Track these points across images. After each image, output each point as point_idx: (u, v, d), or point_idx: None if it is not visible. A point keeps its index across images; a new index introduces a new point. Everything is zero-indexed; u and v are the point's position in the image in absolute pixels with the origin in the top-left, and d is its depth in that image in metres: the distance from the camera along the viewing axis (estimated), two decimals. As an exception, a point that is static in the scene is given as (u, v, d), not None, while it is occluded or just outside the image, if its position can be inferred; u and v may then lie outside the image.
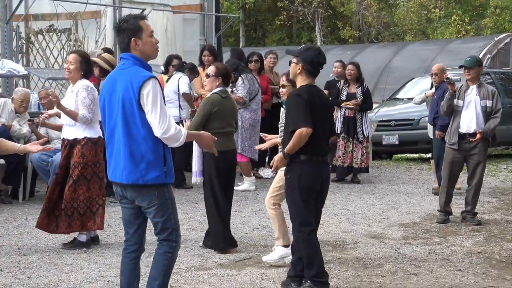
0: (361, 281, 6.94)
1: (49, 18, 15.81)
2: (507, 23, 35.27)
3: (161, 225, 5.34)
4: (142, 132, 5.19)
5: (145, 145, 5.20)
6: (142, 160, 5.20)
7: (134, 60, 5.31)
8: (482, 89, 9.56)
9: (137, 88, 5.15)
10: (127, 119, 5.20)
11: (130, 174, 5.23)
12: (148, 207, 5.30)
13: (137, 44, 5.30)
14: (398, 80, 20.91)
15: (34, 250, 8.00)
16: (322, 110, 6.43)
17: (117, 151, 5.29)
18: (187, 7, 17.22)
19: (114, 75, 5.38)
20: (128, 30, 5.30)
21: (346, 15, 39.24)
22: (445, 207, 9.78)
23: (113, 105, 5.27)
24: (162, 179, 5.27)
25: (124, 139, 5.21)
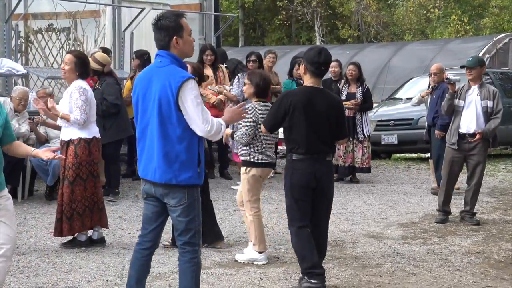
0: (359, 281, 6.94)
1: (48, 17, 15.80)
2: (506, 23, 35.29)
3: (184, 225, 5.29)
4: (178, 132, 5.18)
5: (179, 145, 5.19)
6: (176, 160, 5.19)
7: (171, 58, 5.26)
8: (484, 90, 9.55)
9: (176, 89, 5.13)
10: (163, 119, 5.17)
11: (164, 174, 5.21)
12: (176, 206, 5.27)
13: (178, 43, 5.26)
14: (397, 80, 20.91)
15: (33, 249, 8.00)
16: (311, 112, 6.54)
17: (149, 149, 5.27)
18: (186, 6, 17.21)
19: (150, 73, 5.34)
20: (170, 28, 5.26)
21: (345, 14, 39.24)
22: (444, 206, 9.78)
23: (147, 103, 5.26)
24: (194, 180, 5.27)
25: (159, 138, 5.19)
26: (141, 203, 10.60)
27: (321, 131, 6.58)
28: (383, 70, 22.94)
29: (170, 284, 6.75)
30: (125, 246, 8.19)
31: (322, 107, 6.61)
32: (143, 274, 5.55)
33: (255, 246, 7.60)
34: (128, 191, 11.65)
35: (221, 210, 10.38)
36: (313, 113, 6.55)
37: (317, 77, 6.66)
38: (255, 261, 7.54)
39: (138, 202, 10.85)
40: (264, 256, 7.58)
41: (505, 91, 17.56)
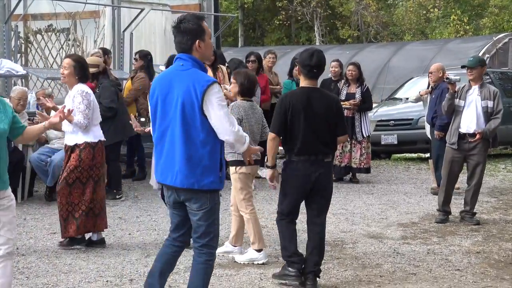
0: (359, 281, 6.94)
1: (47, 17, 15.79)
2: (506, 23, 35.28)
3: (204, 228, 5.32)
4: (201, 136, 5.16)
5: (202, 150, 5.17)
6: (199, 165, 5.18)
7: (193, 62, 5.25)
8: (484, 90, 9.55)
9: (201, 93, 5.11)
10: (187, 123, 5.15)
11: (186, 178, 5.19)
12: (197, 210, 5.28)
13: (200, 47, 5.25)
14: (397, 79, 20.90)
15: (33, 250, 7.99)
16: (310, 113, 6.59)
17: (169, 153, 5.24)
18: (186, 7, 17.20)
19: (170, 76, 5.31)
20: (193, 31, 5.24)
21: (345, 15, 39.22)
22: (444, 206, 9.78)
23: (168, 106, 5.22)
24: (217, 185, 5.28)
25: (182, 142, 5.16)
26: (141, 204, 10.66)
27: (320, 132, 6.62)
28: (383, 70, 22.94)
29: (170, 284, 6.74)
30: (125, 247, 8.18)
31: (320, 108, 6.64)
32: (167, 268, 5.60)
33: (254, 245, 7.62)
34: (128, 191, 11.64)
35: (221, 210, 10.24)
36: (311, 113, 6.59)
37: (311, 78, 6.72)
38: (255, 260, 7.56)
39: (138, 202, 10.85)
40: (264, 254, 7.60)
41: (505, 91, 17.55)
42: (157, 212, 10.15)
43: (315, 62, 6.63)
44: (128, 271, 7.17)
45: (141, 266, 7.38)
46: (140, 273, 7.10)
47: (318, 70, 6.70)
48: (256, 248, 7.60)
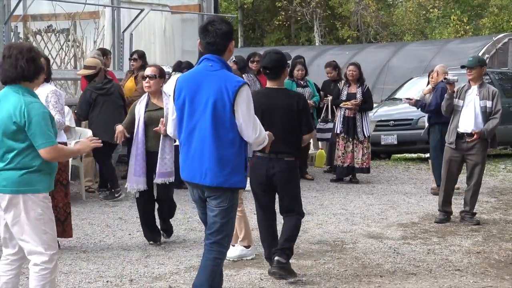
0: (360, 281, 6.94)
1: (47, 18, 15.78)
2: (506, 23, 35.28)
3: (218, 226, 5.41)
4: (230, 136, 5.30)
5: (231, 149, 5.31)
6: (228, 164, 5.30)
7: (222, 63, 5.37)
8: (483, 90, 9.56)
9: (233, 93, 5.24)
10: (217, 122, 5.26)
11: (215, 177, 5.30)
12: (215, 206, 5.39)
13: (231, 48, 5.44)
14: (397, 80, 20.89)
15: (33, 250, 7.98)
16: (268, 112, 6.69)
17: (196, 152, 5.34)
18: (186, 8, 17.20)
19: (198, 76, 5.40)
20: (227, 34, 5.40)
21: (345, 15, 39.23)
22: (444, 207, 9.78)
23: (197, 106, 5.32)
24: (243, 183, 5.44)
25: (212, 142, 5.28)
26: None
27: (280, 131, 6.61)
28: (383, 71, 22.94)
29: (171, 285, 6.75)
30: (125, 247, 8.18)
31: (280, 107, 6.76)
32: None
33: (242, 242, 7.73)
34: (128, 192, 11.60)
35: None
36: (269, 113, 6.69)
37: (271, 79, 6.88)
38: (244, 256, 7.66)
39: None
40: (252, 251, 7.76)
41: (504, 91, 17.54)
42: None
43: (265, 63, 6.81)
44: (128, 272, 7.17)
45: (141, 266, 7.38)
46: (140, 273, 7.11)
47: (271, 71, 6.81)
48: (245, 244, 7.71)
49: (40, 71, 5.26)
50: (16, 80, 5.16)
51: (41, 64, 5.30)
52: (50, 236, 5.23)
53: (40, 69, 5.26)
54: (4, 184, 5.11)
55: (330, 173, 13.91)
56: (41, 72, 5.28)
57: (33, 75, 5.20)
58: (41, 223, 5.16)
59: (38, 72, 5.23)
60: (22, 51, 5.17)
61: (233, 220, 5.51)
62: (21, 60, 5.14)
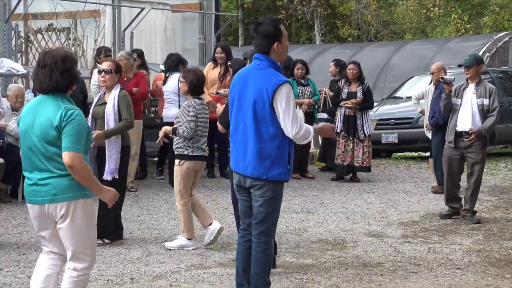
0: (360, 280, 6.94)
1: (48, 17, 15.80)
2: (506, 22, 35.26)
3: (263, 215, 5.71)
4: (271, 131, 5.59)
5: (271, 144, 5.60)
6: (267, 157, 5.61)
7: (269, 62, 5.67)
8: (480, 88, 9.61)
9: (272, 91, 5.54)
10: (257, 118, 5.60)
11: (255, 169, 5.63)
12: (259, 196, 5.69)
13: (278, 48, 5.68)
14: (397, 78, 20.88)
15: (34, 249, 7.99)
16: None
17: (241, 144, 5.71)
18: (186, 6, 17.20)
19: (247, 74, 5.77)
20: (272, 35, 5.66)
21: (345, 14, 39.21)
22: (448, 203, 9.90)
23: (243, 102, 5.68)
24: (284, 176, 5.69)
25: (253, 136, 5.62)
26: (141, 203, 10.66)
27: None
28: (383, 69, 22.92)
29: (171, 283, 6.75)
30: (126, 246, 8.18)
31: None
32: (247, 265, 5.90)
33: (184, 233, 8.09)
34: (128, 191, 11.62)
35: (222, 209, 10.38)
36: None
37: None
38: (185, 247, 8.01)
39: (138, 202, 10.85)
40: (193, 242, 8.10)
41: (505, 90, 17.55)
42: (158, 211, 10.16)
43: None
44: (129, 270, 7.17)
45: (142, 265, 7.38)
46: (141, 272, 7.11)
47: None
48: (186, 236, 8.06)
49: (75, 81, 5.11)
50: (50, 91, 5.04)
51: (76, 73, 5.13)
52: (92, 243, 5.25)
53: (75, 79, 5.10)
54: (55, 192, 4.98)
55: (326, 172, 13.94)
56: (75, 82, 5.13)
57: (67, 87, 5.08)
58: (88, 229, 5.14)
59: (72, 83, 5.10)
60: (57, 63, 5.01)
61: (278, 210, 5.80)
62: (56, 72, 5.00)
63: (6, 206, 10.38)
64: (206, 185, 12.39)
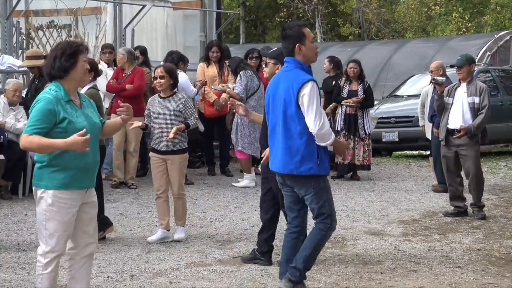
0: (360, 278, 6.95)
1: (49, 14, 15.79)
2: (507, 21, 35.23)
3: (317, 210, 6.08)
4: (298, 128, 5.93)
5: (300, 140, 5.93)
6: (297, 154, 5.94)
7: (295, 63, 6.04)
8: (471, 86, 9.83)
9: (297, 89, 5.90)
10: (286, 116, 5.96)
11: (286, 166, 6.00)
12: (305, 194, 6.06)
13: (301, 50, 6.03)
14: (398, 77, 20.87)
15: (34, 245, 7.98)
16: None
17: (274, 144, 6.10)
18: (187, 4, 17.21)
19: (279, 77, 6.17)
20: (293, 37, 6.04)
21: (346, 12, 39.19)
22: (453, 202, 10.01)
23: (276, 103, 6.07)
24: (315, 171, 5.98)
25: (283, 134, 5.99)
26: (142, 200, 10.67)
27: None
28: (384, 68, 22.90)
29: (171, 280, 6.75)
30: (126, 243, 8.19)
31: None
32: (290, 256, 6.22)
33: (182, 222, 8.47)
34: (129, 188, 11.63)
35: (222, 207, 10.38)
36: None
37: None
38: (166, 239, 8.32)
39: (138, 199, 10.85)
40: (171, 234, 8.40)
41: (505, 88, 17.54)
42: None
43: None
44: (129, 267, 7.18)
45: (142, 262, 7.39)
46: (141, 269, 7.11)
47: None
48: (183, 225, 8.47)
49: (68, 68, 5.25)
50: (48, 77, 5.38)
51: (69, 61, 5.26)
52: (50, 236, 5.32)
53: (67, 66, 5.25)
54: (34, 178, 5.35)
55: None
56: (69, 70, 5.26)
57: (61, 73, 5.26)
58: (46, 220, 5.28)
59: (62, 69, 5.25)
60: (55, 49, 5.35)
61: (329, 202, 6.11)
62: (51, 58, 5.31)
63: (7, 202, 10.40)
64: (206, 183, 12.38)
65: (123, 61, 11.71)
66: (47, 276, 5.41)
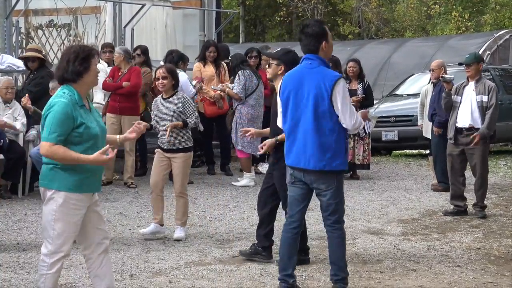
0: (360, 277, 6.95)
1: (49, 13, 15.79)
2: (507, 20, 35.22)
3: (334, 206, 6.18)
4: (330, 125, 6.02)
5: (331, 137, 6.03)
6: (328, 150, 6.03)
7: (319, 61, 6.10)
8: (480, 85, 9.81)
9: (330, 86, 5.96)
10: (318, 114, 6.00)
11: (318, 162, 6.03)
12: (326, 190, 6.12)
13: (325, 47, 6.15)
14: (398, 76, 20.88)
15: (34, 245, 8.00)
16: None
17: (302, 140, 6.07)
18: (187, 3, 17.20)
19: (300, 73, 6.13)
20: (318, 35, 6.14)
21: (346, 11, 39.18)
22: (453, 201, 10.02)
23: (299, 100, 6.07)
24: (343, 166, 6.17)
25: (314, 130, 6.01)
26: (141, 199, 10.65)
27: None
28: (384, 67, 22.91)
29: (171, 280, 6.76)
30: (126, 242, 8.19)
31: None
32: (293, 251, 6.33)
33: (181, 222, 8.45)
34: (128, 187, 11.62)
35: (221, 206, 10.39)
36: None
37: None
38: (158, 233, 8.40)
39: (138, 198, 10.85)
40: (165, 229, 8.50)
41: (505, 88, 17.55)
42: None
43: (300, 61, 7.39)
44: (128, 267, 7.18)
45: (141, 261, 7.39)
46: (140, 268, 7.11)
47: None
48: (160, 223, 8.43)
49: (82, 72, 5.26)
50: (59, 80, 5.35)
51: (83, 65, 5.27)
52: (58, 236, 5.29)
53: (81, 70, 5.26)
54: (41, 177, 5.35)
55: None
56: (83, 74, 5.27)
57: (74, 77, 5.26)
58: (55, 221, 5.26)
59: (76, 73, 5.25)
60: (68, 53, 5.33)
61: (344, 199, 6.29)
62: (64, 61, 5.29)
63: (6, 202, 10.39)
64: (206, 182, 12.38)
65: (119, 60, 11.75)
66: (51, 276, 5.42)
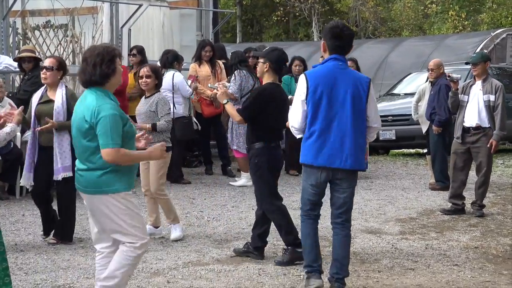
0: (358, 276, 6.95)
1: (45, 14, 15.77)
2: (504, 19, 35.28)
3: (349, 204, 6.35)
4: (364, 125, 6.20)
5: (363, 137, 6.21)
6: (363, 150, 6.20)
7: (346, 63, 6.27)
8: (487, 84, 9.87)
9: (367, 87, 6.16)
10: (355, 113, 6.11)
11: (355, 162, 6.15)
12: (347, 188, 6.26)
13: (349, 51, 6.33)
14: (395, 75, 20.88)
15: (31, 246, 8.00)
16: (281, 104, 7.37)
17: (337, 140, 6.09)
18: (184, 3, 17.19)
19: (333, 73, 6.15)
20: (352, 38, 6.34)
21: (343, 10, 39.22)
22: (451, 199, 10.04)
23: (334, 100, 6.10)
24: (366, 165, 6.56)
25: (353, 131, 6.10)
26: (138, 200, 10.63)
27: (283, 121, 7.27)
28: (381, 66, 22.92)
29: (169, 280, 6.75)
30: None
31: (285, 100, 7.53)
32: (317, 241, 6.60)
33: (172, 220, 8.39)
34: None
35: (219, 206, 10.38)
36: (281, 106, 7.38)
37: (277, 75, 7.54)
38: (153, 235, 8.32)
39: (137, 198, 10.82)
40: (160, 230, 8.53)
41: (503, 87, 17.55)
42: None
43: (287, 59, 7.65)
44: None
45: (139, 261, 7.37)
46: (138, 268, 7.10)
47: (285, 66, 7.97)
48: (174, 222, 8.38)
49: (111, 74, 5.27)
50: (85, 84, 5.32)
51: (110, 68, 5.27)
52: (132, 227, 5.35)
53: (111, 72, 5.26)
54: (85, 185, 5.31)
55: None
56: (111, 75, 5.28)
57: (102, 80, 5.27)
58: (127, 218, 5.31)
59: (107, 76, 5.26)
60: (92, 55, 5.27)
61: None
62: (89, 65, 5.25)
63: (4, 203, 10.39)
64: (204, 182, 12.38)
65: None
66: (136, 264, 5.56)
